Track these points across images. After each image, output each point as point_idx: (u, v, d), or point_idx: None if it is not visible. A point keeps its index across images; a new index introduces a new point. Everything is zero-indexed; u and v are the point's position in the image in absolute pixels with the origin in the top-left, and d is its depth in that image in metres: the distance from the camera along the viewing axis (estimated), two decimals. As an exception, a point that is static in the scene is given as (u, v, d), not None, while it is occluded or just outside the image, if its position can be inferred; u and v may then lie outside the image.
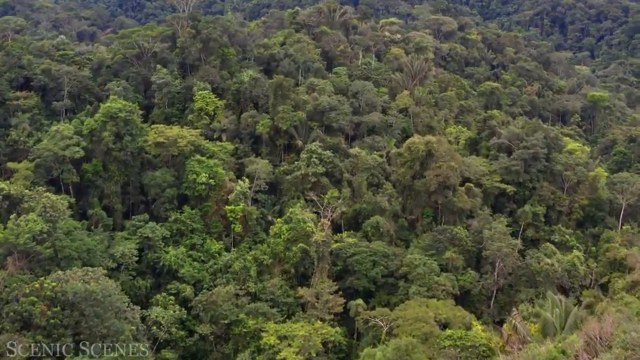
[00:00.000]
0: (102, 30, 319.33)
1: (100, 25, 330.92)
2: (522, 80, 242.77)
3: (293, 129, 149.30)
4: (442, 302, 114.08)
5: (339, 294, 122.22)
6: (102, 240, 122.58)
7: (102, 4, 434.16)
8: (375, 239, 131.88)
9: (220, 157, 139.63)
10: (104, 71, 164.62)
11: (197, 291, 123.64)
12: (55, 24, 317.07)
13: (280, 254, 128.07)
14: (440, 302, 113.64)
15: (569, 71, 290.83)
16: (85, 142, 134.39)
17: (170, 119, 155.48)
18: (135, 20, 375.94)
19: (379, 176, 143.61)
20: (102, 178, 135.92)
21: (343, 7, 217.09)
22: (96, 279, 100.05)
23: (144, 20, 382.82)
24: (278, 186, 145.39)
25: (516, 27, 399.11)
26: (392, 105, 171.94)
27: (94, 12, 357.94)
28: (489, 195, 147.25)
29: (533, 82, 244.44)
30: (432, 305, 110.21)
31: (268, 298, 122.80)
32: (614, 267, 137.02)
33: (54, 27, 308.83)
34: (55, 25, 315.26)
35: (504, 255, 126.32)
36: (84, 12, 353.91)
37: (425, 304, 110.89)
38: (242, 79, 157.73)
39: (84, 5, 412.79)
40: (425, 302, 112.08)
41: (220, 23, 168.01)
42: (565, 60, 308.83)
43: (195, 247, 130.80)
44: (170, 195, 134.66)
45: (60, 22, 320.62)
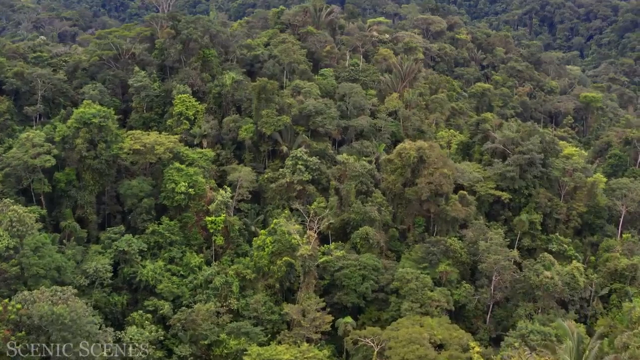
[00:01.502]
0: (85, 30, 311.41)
1: (83, 26, 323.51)
2: (513, 80, 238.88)
3: (277, 134, 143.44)
4: (437, 320, 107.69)
5: (326, 310, 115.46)
6: (74, 256, 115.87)
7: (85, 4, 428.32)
8: (365, 251, 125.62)
9: (201, 165, 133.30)
10: (80, 74, 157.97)
11: (176, 307, 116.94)
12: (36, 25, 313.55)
13: (264, 267, 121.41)
14: (434, 320, 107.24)
15: (560, 71, 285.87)
16: (57, 149, 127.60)
17: (149, 124, 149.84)
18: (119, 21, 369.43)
19: (368, 183, 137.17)
20: (76, 188, 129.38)
21: (329, 7, 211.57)
22: (65, 299, 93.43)
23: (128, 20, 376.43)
24: (262, 194, 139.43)
25: (505, 27, 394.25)
26: (381, 108, 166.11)
27: (76, 13, 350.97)
28: (483, 202, 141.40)
29: (524, 82, 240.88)
30: (426, 324, 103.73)
31: (251, 315, 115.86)
32: (615, 278, 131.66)
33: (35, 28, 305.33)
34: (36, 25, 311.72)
35: (501, 268, 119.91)
36: (65, 12, 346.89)
37: (418, 323, 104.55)
38: (224, 81, 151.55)
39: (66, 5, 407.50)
40: (418, 321, 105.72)
41: (201, 23, 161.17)
42: (557, 60, 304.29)
43: (174, 260, 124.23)
44: (147, 206, 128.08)
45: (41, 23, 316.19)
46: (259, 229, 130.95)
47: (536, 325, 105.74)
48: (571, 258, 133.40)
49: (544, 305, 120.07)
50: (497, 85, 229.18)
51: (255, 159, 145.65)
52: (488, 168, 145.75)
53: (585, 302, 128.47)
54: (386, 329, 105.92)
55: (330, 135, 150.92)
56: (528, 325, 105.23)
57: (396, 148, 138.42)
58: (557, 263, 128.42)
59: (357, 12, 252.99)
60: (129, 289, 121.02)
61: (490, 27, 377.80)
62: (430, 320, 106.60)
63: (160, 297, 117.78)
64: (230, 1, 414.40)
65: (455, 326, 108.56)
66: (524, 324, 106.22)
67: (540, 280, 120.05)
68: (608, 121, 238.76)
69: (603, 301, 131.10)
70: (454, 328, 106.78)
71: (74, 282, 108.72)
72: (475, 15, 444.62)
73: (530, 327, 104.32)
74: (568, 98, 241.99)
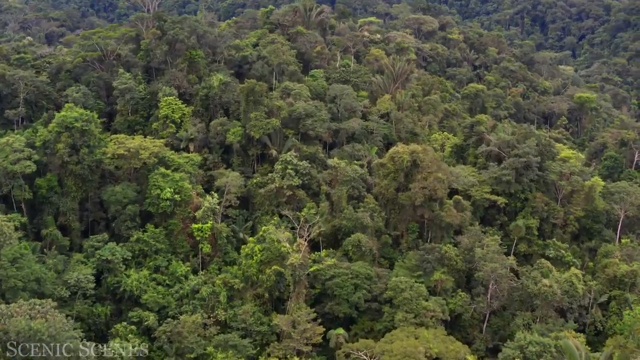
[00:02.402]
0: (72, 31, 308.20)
1: (70, 27, 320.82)
2: (506, 81, 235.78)
3: (266, 137, 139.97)
4: (433, 331, 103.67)
5: (317, 321, 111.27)
6: (55, 265, 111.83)
7: (73, 5, 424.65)
8: (357, 259, 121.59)
9: (187, 170, 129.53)
10: (64, 75, 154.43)
11: (161, 318, 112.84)
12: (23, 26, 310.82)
13: (253, 277, 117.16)
14: (430, 331, 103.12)
15: (553, 71, 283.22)
16: (38, 155, 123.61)
17: (134, 127, 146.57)
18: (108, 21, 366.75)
19: (360, 188, 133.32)
20: (58, 194, 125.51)
21: (320, 6, 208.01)
22: (44, 313, 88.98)
23: (117, 20, 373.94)
24: (250, 200, 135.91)
25: (496, 27, 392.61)
26: (373, 110, 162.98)
27: (64, 13, 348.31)
28: (478, 207, 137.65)
29: (517, 83, 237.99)
30: (422, 337, 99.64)
31: (239, 326, 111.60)
32: (614, 285, 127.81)
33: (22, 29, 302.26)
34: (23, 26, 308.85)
35: (498, 276, 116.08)
36: (53, 12, 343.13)
37: (413, 335, 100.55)
38: (211, 83, 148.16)
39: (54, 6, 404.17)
40: (413, 332, 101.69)
41: (188, 23, 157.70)
42: (549, 60, 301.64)
43: (160, 269, 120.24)
44: (132, 212, 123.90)
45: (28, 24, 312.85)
46: (248, 236, 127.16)
47: (535, 336, 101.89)
48: (569, 264, 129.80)
49: (542, 314, 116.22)
50: (490, 86, 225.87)
51: (244, 163, 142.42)
52: (483, 172, 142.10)
53: (583, 309, 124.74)
54: (380, 341, 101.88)
55: (320, 138, 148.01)
56: (527, 336, 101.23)
57: (389, 152, 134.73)
58: (554, 270, 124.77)
59: (348, 11, 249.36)
60: (113, 299, 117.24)
61: (482, 26, 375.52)
62: (425, 332, 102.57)
63: (145, 308, 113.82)
64: (220, 1, 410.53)
65: (451, 338, 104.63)
66: (522, 334, 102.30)
67: (538, 288, 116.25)
68: (602, 122, 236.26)
69: (602, 308, 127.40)
70: (450, 340, 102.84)
71: (54, 294, 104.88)
72: (467, 15, 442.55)
73: (529, 338, 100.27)
74: (562, 99, 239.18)
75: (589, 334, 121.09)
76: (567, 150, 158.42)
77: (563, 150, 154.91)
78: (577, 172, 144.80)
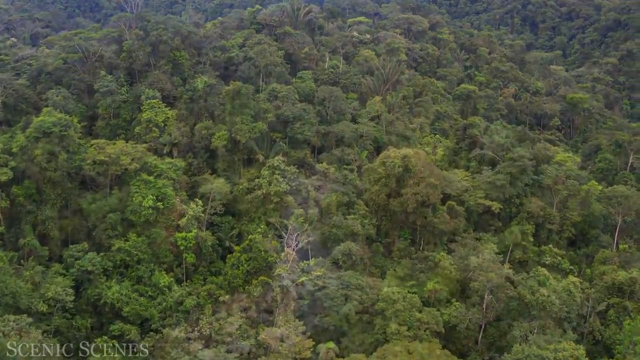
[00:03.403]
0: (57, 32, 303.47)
1: (56, 27, 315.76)
2: (498, 81, 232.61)
3: (253, 141, 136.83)
4: (427, 345, 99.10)
5: (306, 334, 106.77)
6: (32, 277, 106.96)
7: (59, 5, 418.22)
8: (347, 268, 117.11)
9: (170, 176, 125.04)
10: (44, 78, 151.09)
11: (144, 331, 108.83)
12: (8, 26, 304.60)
13: (239, 287, 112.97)
14: (424, 345, 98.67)
15: (544, 72, 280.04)
16: (15, 161, 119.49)
17: (116, 131, 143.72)
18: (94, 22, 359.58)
19: (350, 194, 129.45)
20: (36, 202, 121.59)
21: (308, 6, 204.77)
22: (19, 330, 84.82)
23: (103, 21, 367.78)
24: (236, 206, 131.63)
25: (486, 26, 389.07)
26: (363, 113, 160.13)
27: (49, 14, 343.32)
28: (472, 212, 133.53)
29: (509, 83, 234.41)
30: (416, 352, 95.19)
31: (225, 340, 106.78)
32: (612, 292, 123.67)
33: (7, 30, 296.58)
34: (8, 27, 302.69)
35: (494, 287, 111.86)
36: (38, 13, 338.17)
37: (407, 349, 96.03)
38: (195, 85, 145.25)
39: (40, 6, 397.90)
40: (407, 346, 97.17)
41: (172, 24, 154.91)
42: (541, 60, 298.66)
43: (142, 280, 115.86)
44: (113, 221, 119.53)
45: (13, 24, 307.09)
46: (234, 245, 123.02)
47: (533, 349, 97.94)
48: (566, 271, 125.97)
49: (540, 324, 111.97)
50: (482, 87, 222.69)
51: (229, 168, 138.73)
52: (477, 176, 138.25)
53: (581, 318, 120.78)
54: (372, 356, 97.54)
55: (309, 142, 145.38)
56: (525, 349, 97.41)
57: (380, 156, 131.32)
58: (551, 277, 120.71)
59: (337, 11, 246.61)
60: (94, 312, 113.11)
61: (472, 26, 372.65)
62: (419, 346, 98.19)
63: (127, 321, 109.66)
64: (208, 1, 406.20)
65: (446, 352, 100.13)
66: (520, 347, 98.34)
67: (536, 298, 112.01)
68: (595, 122, 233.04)
69: (600, 317, 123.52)
70: (446, 355, 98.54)
71: (31, 308, 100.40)
72: (456, 15, 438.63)
73: (527, 351, 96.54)
74: (554, 99, 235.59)
75: (587, 344, 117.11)
76: (562, 154, 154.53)
77: (558, 154, 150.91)
78: (573, 176, 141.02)
